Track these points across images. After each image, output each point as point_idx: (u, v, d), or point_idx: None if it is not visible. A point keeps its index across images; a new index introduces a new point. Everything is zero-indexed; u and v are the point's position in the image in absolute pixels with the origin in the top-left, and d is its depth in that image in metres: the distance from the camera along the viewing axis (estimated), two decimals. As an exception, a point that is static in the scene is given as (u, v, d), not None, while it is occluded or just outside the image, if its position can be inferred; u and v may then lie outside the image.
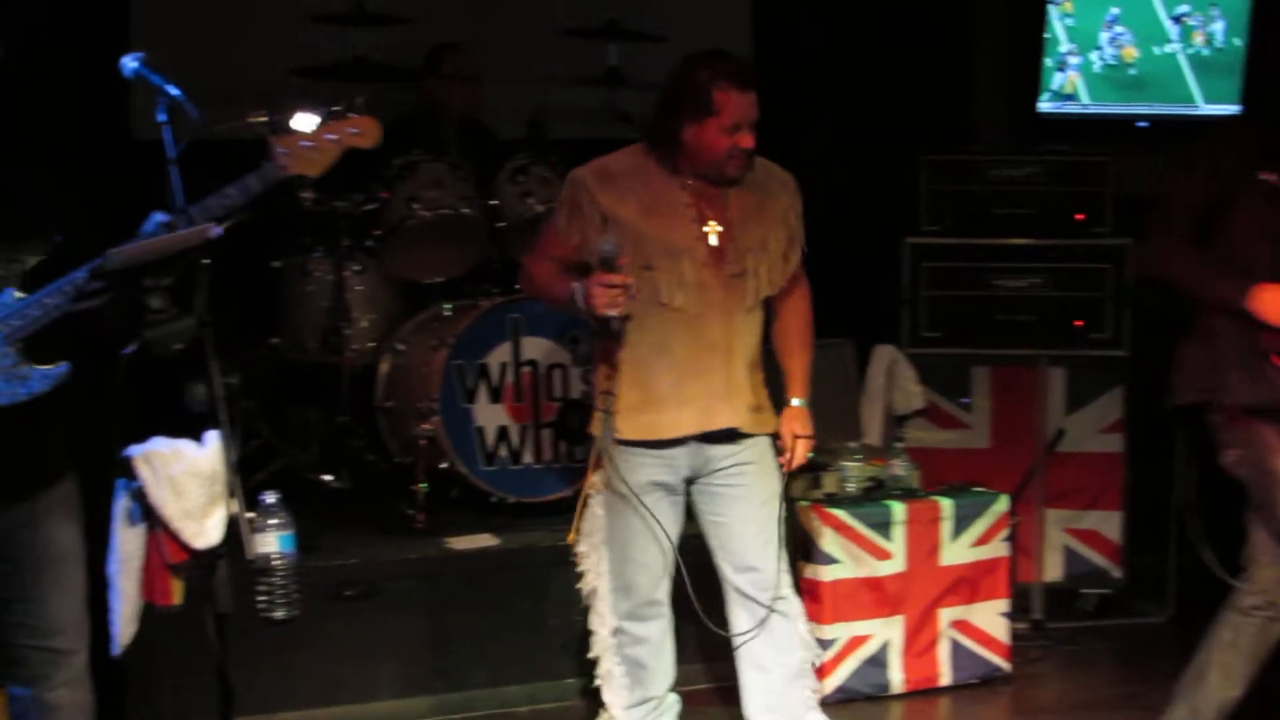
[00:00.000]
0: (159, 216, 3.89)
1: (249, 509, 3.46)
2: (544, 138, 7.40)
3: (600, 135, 7.45)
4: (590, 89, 7.66)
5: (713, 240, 4.91)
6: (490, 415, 6.70)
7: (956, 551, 6.29)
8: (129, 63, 3.84)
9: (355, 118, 4.27)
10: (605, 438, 4.95)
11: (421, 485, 6.51)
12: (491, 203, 6.98)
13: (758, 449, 5.05)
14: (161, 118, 3.72)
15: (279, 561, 3.49)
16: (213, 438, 3.61)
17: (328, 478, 6.71)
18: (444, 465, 6.59)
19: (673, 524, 5.05)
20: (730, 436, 4.99)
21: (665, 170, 4.93)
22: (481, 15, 8.44)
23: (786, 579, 5.12)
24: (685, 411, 4.92)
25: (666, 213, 4.91)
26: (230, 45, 7.94)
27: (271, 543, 3.50)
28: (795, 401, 5.12)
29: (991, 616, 6.38)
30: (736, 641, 5.15)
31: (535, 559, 6.28)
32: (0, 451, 3.90)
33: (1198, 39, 7.89)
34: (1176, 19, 7.87)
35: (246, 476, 3.45)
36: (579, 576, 5.27)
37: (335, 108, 4.24)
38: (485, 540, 6.35)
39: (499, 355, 6.72)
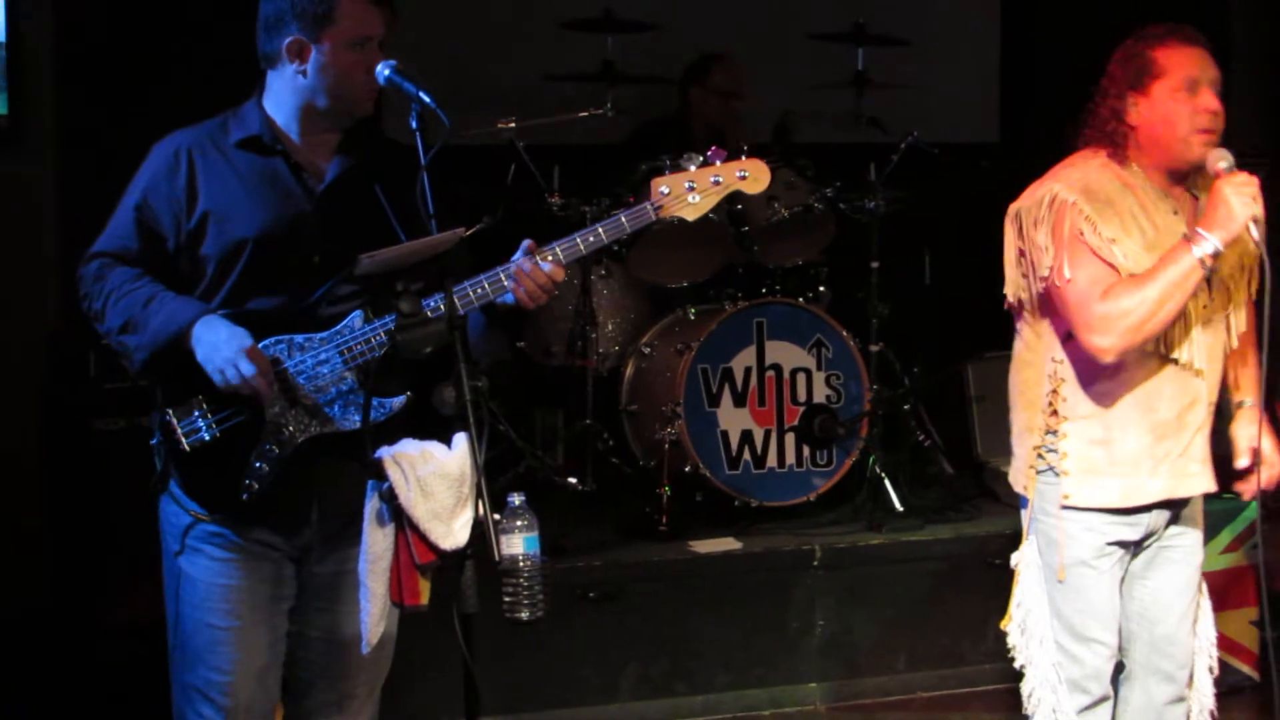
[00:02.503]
0: (526, 244, 3.94)
1: (495, 511, 3.48)
2: (790, 141, 7.38)
3: (847, 140, 7.43)
4: (837, 93, 7.62)
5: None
6: (734, 419, 6.72)
7: (1205, 558, 6.14)
8: (382, 70, 3.88)
9: (744, 160, 4.08)
10: (1044, 500, 4.31)
11: (665, 488, 6.54)
12: (736, 207, 6.98)
13: (1200, 506, 4.44)
14: (414, 124, 3.75)
15: (525, 563, 3.50)
16: (461, 440, 3.64)
17: (572, 480, 6.76)
18: (688, 468, 6.61)
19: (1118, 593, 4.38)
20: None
21: (1149, 183, 4.17)
22: (728, 20, 8.48)
23: (1201, 663, 4.48)
24: (1158, 475, 4.23)
25: (1166, 244, 4.07)
26: (478, 51, 8.06)
27: (517, 544, 3.50)
28: (1248, 401, 4.38)
29: (1240, 625, 6.23)
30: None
31: (778, 563, 6.29)
32: (330, 483, 3.96)
33: None
34: None
35: (492, 479, 3.46)
36: (1014, 676, 4.48)
37: (714, 149, 4.07)
38: (728, 544, 6.36)
39: (743, 359, 6.74)
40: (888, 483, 6.73)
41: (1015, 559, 4.45)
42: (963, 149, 7.42)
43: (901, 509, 6.68)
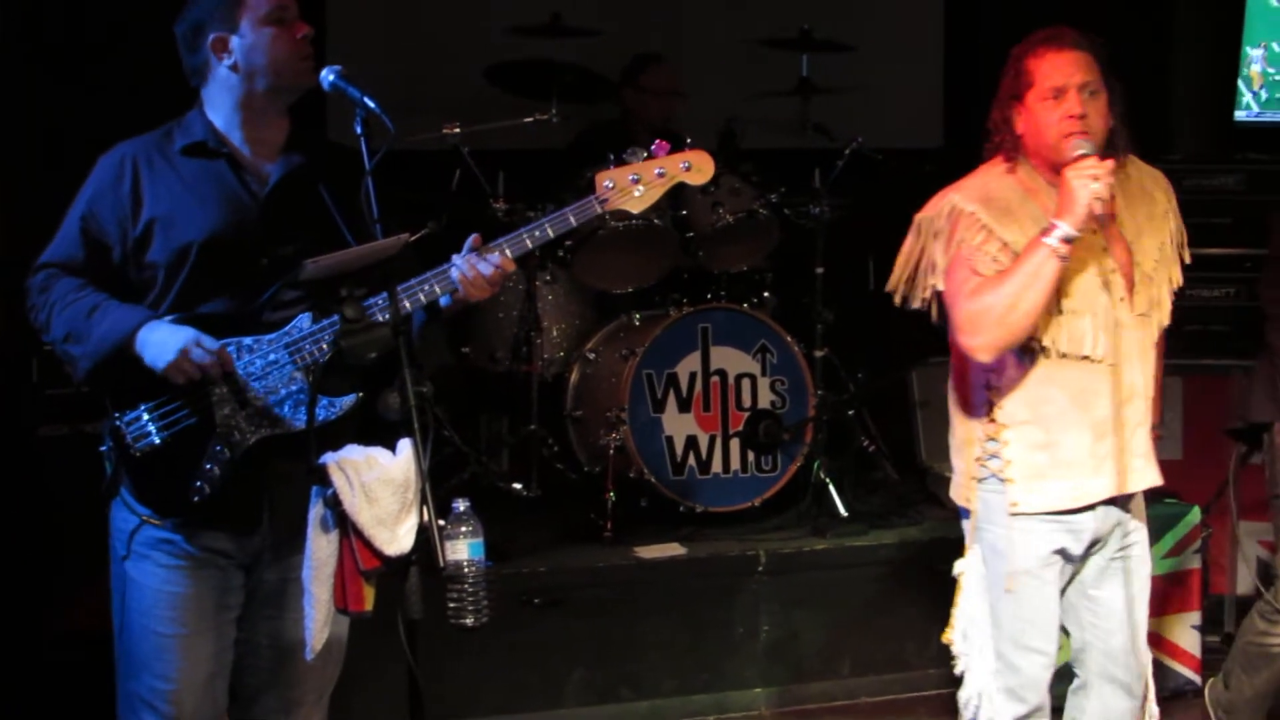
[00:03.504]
0: (471, 238, 3.95)
1: (440, 516, 3.47)
2: (735, 148, 7.39)
3: (791, 145, 7.44)
4: (782, 99, 7.63)
5: (1117, 270, 4.24)
6: (679, 424, 6.72)
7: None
8: (327, 76, 3.87)
9: (687, 152, 4.12)
10: (989, 510, 4.33)
11: (610, 494, 6.53)
12: (681, 213, 6.99)
13: (1143, 511, 4.44)
14: (358, 129, 3.74)
15: (469, 569, 3.50)
16: (405, 446, 3.64)
17: (517, 486, 6.75)
18: (632, 474, 6.61)
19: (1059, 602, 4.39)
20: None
21: (1049, 186, 4.21)
22: (675, 26, 8.48)
23: (1149, 670, 4.50)
24: (1102, 473, 4.25)
25: (1077, 243, 4.11)
26: (424, 56, 8.05)
27: (462, 550, 3.50)
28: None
29: (1183, 629, 6.29)
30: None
31: (723, 568, 6.29)
32: (281, 487, 3.94)
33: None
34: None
35: (437, 485, 3.46)
36: (958, 681, 4.49)
37: (658, 143, 4.10)
38: (673, 549, 6.36)
39: (688, 364, 6.74)
40: (832, 488, 6.75)
41: (959, 568, 4.45)
42: (907, 154, 7.45)
43: (846, 514, 6.68)
